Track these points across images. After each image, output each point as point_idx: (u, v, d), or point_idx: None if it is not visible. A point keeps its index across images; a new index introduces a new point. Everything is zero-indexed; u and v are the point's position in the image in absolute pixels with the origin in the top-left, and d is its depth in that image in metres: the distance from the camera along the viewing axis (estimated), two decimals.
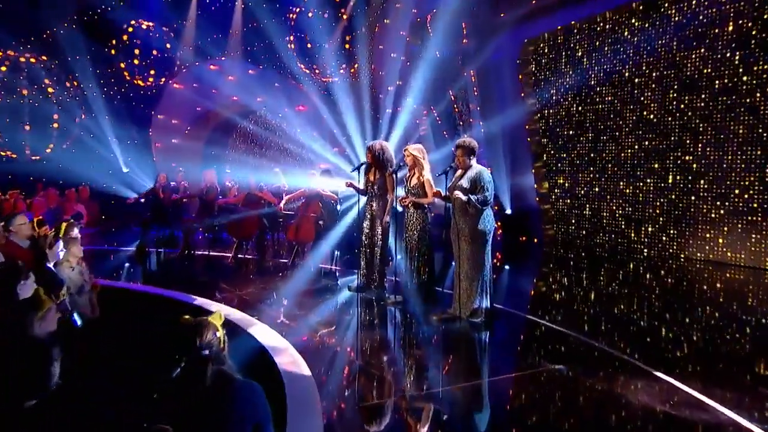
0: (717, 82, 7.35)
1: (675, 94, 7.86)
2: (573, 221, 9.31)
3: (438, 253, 5.24)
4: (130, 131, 12.29)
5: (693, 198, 7.70)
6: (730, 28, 7.18)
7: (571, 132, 9.29)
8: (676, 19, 7.76)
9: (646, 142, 8.28)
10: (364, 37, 11.61)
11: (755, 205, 7.08)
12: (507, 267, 7.98)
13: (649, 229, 8.28)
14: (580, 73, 9.03)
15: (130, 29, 11.73)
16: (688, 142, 7.71)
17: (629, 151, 8.52)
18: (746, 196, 7.15)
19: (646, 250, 8.26)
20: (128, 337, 3.50)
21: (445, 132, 10.90)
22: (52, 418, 1.84)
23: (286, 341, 4.00)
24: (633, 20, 8.30)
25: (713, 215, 7.51)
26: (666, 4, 7.90)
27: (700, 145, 7.60)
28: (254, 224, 7.78)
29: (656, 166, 8.19)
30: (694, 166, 7.68)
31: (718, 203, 7.44)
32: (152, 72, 12.24)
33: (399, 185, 5.42)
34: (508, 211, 10.22)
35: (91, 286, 3.90)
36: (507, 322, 4.87)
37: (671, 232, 8.04)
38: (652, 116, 8.16)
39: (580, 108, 9.10)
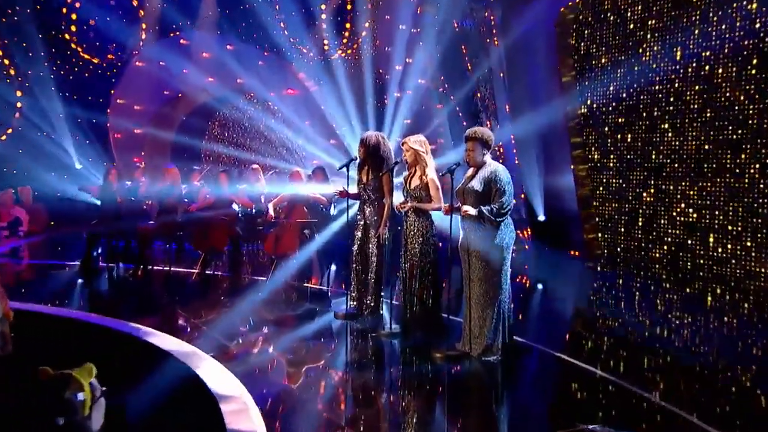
0: None
1: (754, 71, 7.62)
2: (622, 230, 9.27)
3: (445, 269, 5.14)
4: (85, 119, 12.28)
5: None
6: None
7: (620, 119, 9.16)
8: None
9: (716, 132, 8.10)
10: (367, 5, 11.68)
11: None
12: (538, 287, 7.97)
13: (720, 240, 8.09)
14: (632, 46, 8.93)
15: None
16: None
17: (694, 143, 8.37)
18: None
19: (716, 267, 8.10)
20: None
21: (465, 123, 10.89)
22: None
23: (244, 388, 3.84)
24: None
25: None
26: None
27: None
28: (224, 234, 7.72)
29: (728, 161, 7.99)
30: None
31: None
32: (111, 47, 12.23)
33: (397, 188, 5.43)
34: (541, 218, 10.16)
35: (3, 314, 3.69)
36: (531, 362, 4.77)
37: (748, 243, 7.79)
38: (723, 99, 7.97)
39: (631, 90, 9.01)
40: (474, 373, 4.35)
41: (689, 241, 8.42)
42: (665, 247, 8.71)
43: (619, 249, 9.30)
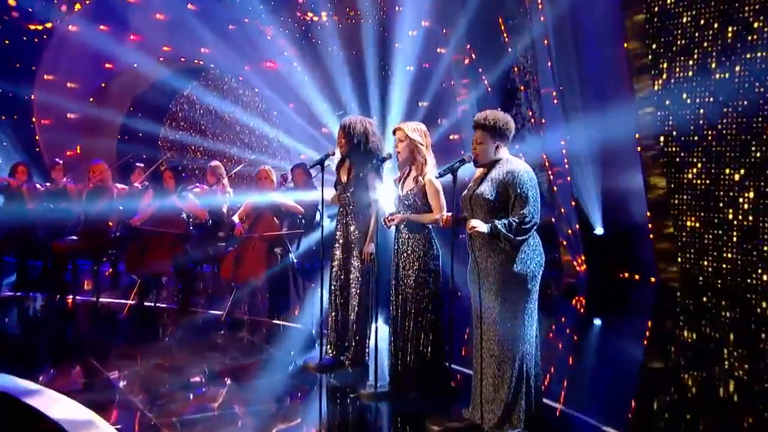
0: None
1: None
2: (710, 247, 9.11)
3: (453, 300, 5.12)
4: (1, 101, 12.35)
5: None
6: None
7: (708, 100, 9.04)
8: None
9: None
10: None
11: None
12: (595, 324, 8.11)
13: None
14: (721, 13, 8.88)
15: None
16: None
17: None
18: None
19: None
20: None
21: (498, 106, 10.66)
22: None
23: None
24: None
25: None
26: None
27: None
28: (167, 254, 7.66)
29: None
30: None
31: None
32: (34, 7, 12.20)
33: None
34: (599, 231, 10.14)
35: None
36: None
37: None
38: None
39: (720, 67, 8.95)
40: None
41: None
42: None
43: (704, 273, 9.19)
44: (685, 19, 9.26)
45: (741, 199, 8.79)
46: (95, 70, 12.98)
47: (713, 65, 8.99)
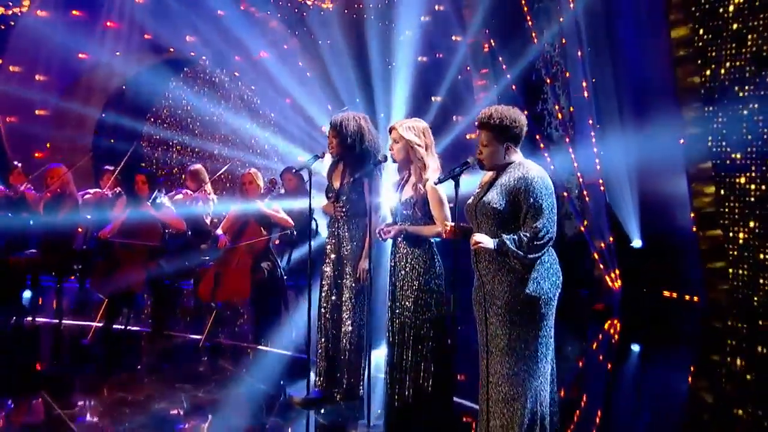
0: None
1: None
2: (766, 263, 8.92)
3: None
4: None
5: None
6: None
7: (764, 93, 8.88)
8: None
9: None
10: None
11: None
12: (632, 351, 8.18)
13: None
14: None
15: None
16: None
17: None
18: None
19: None
20: None
21: (526, 111, 10.65)
22: None
23: None
24: None
25: None
26: None
27: None
28: (139, 270, 7.66)
29: None
30: None
31: None
32: None
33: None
34: (637, 244, 10.10)
35: None
36: None
37: None
38: None
39: None
40: None
41: None
42: None
43: (759, 292, 8.99)
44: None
45: None
46: (67, 61, 13.01)
47: None
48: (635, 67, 10.04)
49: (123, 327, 7.81)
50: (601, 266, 10.15)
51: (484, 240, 4.10)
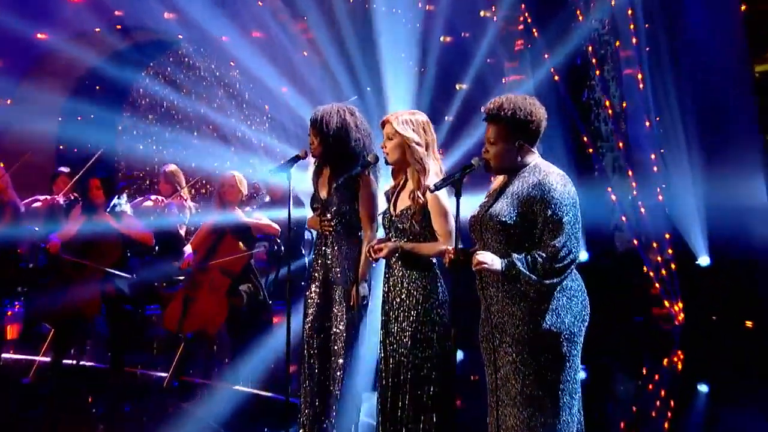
0: None
1: None
2: None
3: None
4: None
5: None
6: None
7: None
8: None
9: None
10: None
11: None
12: (699, 391, 8.25)
13: None
14: None
15: None
16: None
17: None
18: None
19: None
20: None
21: (569, 106, 10.99)
22: None
23: None
24: None
25: None
26: None
27: None
28: (94, 293, 7.64)
29: None
30: None
31: None
32: None
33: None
34: (704, 261, 10.20)
35: None
36: None
37: None
38: None
39: None
40: None
41: None
42: None
43: None
44: None
45: None
46: (24, 41, 13.07)
47: None
48: (701, 44, 10.22)
49: (74, 362, 7.78)
50: (659, 287, 10.23)
51: (489, 260, 3.99)
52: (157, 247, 8.07)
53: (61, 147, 13.58)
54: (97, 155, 8.79)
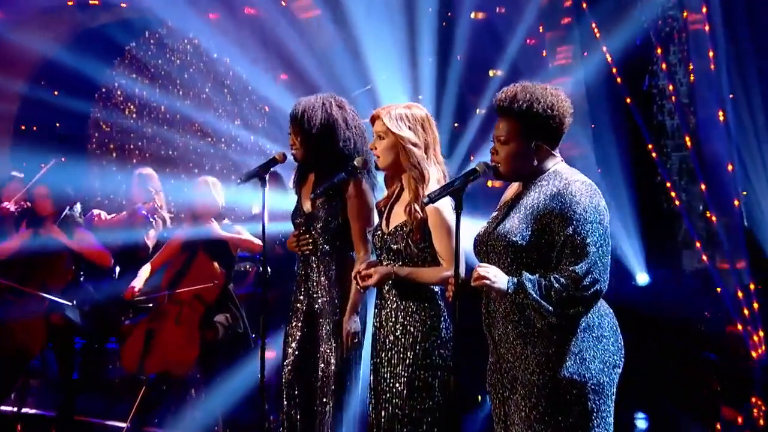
0: None
1: None
2: None
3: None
4: None
5: None
6: None
7: None
8: None
9: None
10: None
11: None
12: None
13: None
14: None
15: None
16: None
17: None
18: None
19: None
20: None
21: (626, 95, 11.01)
22: None
23: None
24: None
25: None
26: None
27: None
28: (38, 324, 7.69)
29: None
30: None
31: None
32: None
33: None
34: None
35: None
36: None
37: None
38: None
39: None
40: None
41: None
42: None
43: None
44: None
45: None
46: None
47: None
48: None
49: (15, 409, 7.90)
50: (736, 316, 10.24)
51: (492, 275, 3.87)
52: (117, 268, 8.07)
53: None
54: (51, 163, 8.91)
